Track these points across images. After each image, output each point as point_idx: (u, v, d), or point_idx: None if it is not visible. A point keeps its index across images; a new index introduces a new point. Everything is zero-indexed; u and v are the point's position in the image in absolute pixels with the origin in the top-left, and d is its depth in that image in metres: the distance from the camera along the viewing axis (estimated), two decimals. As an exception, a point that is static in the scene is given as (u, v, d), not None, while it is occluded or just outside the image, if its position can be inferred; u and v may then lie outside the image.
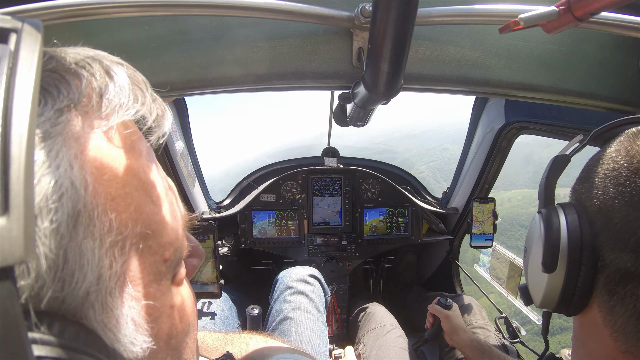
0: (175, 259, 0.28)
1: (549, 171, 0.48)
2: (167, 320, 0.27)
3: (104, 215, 0.22)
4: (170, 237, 0.27)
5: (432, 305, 1.33)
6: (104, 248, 0.22)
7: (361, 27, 0.59)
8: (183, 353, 0.30)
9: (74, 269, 0.20)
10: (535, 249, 0.45)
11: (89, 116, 0.23)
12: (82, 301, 0.21)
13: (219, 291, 1.31)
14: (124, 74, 0.26)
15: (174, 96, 0.80)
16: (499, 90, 0.73)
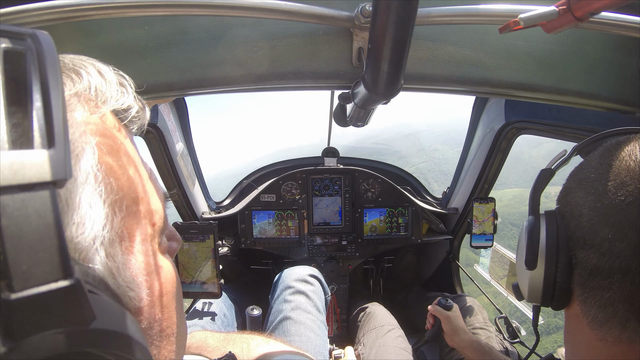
0: (160, 226, 0.33)
1: (535, 184, 0.52)
2: (157, 278, 0.32)
3: (107, 178, 0.27)
4: (156, 205, 0.33)
5: (432, 306, 1.33)
6: (107, 203, 0.27)
7: (361, 27, 0.59)
8: (172, 314, 0.34)
9: (86, 214, 0.25)
10: (522, 250, 0.51)
11: (89, 103, 0.29)
12: (90, 245, 0.25)
13: (219, 291, 1.31)
14: (112, 74, 0.33)
15: (174, 96, 0.80)
16: (499, 90, 0.73)
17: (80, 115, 0.28)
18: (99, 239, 0.26)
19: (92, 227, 0.25)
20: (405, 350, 1.43)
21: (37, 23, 0.46)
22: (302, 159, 2.39)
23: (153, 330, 0.31)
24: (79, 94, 0.28)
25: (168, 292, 0.33)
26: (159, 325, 0.32)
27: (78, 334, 0.20)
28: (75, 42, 0.60)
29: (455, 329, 1.21)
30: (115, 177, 0.28)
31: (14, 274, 0.18)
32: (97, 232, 0.26)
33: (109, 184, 0.27)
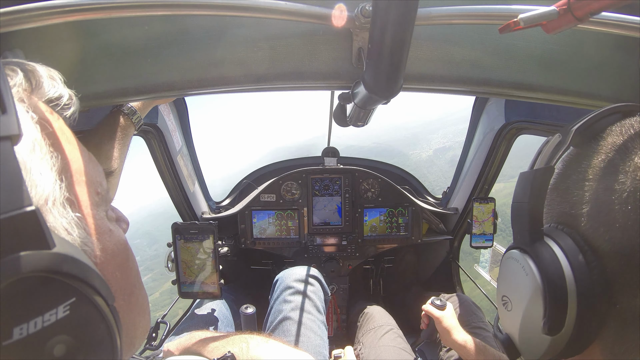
0: (105, 196, 0.37)
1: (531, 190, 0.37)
2: (109, 239, 0.35)
3: (51, 151, 0.31)
4: (98, 178, 0.37)
5: (425, 306, 1.33)
6: (54, 169, 0.30)
7: (361, 27, 0.59)
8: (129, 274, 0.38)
9: (37, 177, 0.28)
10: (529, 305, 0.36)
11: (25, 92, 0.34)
12: (43, 204, 0.29)
13: (219, 291, 1.31)
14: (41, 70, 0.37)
15: (174, 96, 0.80)
16: (499, 90, 0.73)
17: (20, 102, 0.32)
18: (50, 200, 0.29)
19: (44, 189, 0.29)
20: (405, 350, 1.43)
21: (37, 23, 0.46)
22: (302, 159, 2.39)
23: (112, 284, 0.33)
24: (17, 85, 0.33)
25: (121, 253, 0.37)
26: (118, 281, 0.35)
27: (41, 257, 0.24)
28: (75, 42, 0.60)
29: (449, 329, 1.21)
30: (57, 150, 0.32)
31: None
32: (49, 194, 0.29)
33: (53, 155, 0.31)
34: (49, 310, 0.24)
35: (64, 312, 0.25)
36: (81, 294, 0.26)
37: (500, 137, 1.67)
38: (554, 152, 0.38)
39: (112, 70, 0.65)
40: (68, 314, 0.25)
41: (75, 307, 0.26)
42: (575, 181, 0.36)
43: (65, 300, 0.25)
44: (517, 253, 0.39)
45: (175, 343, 0.86)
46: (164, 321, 1.18)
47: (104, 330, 0.29)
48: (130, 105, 0.96)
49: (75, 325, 0.26)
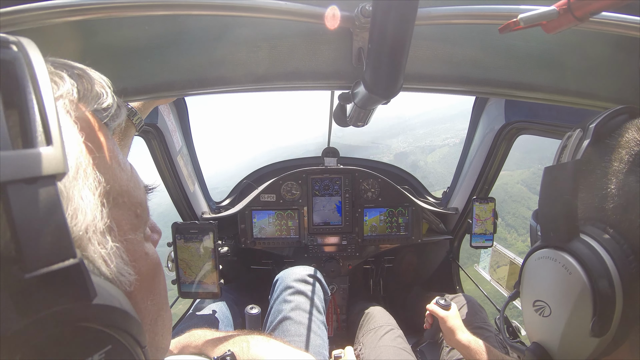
0: (144, 217, 0.36)
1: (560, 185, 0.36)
2: (144, 263, 0.34)
3: (94, 173, 0.29)
4: (139, 198, 0.35)
5: (430, 306, 1.33)
6: (95, 196, 0.29)
7: (361, 27, 0.59)
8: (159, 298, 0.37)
9: (79, 206, 0.27)
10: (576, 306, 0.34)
11: (72, 104, 0.31)
12: (83, 235, 0.27)
13: (219, 291, 1.31)
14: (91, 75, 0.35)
15: (174, 96, 0.80)
16: (499, 90, 0.73)
17: (67, 116, 0.30)
18: (91, 228, 0.28)
19: (85, 218, 0.27)
20: (405, 350, 1.43)
21: (37, 23, 0.46)
22: (302, 159, 2.39)
23: (142, 313, 0.33)
24: (63, 95, 0.30)
25: (154, 276, 0.36)
26: (148, 309, 0.35)
27: (83, 309, 0.23)
28: (75, 42, 0.60)
29: (453, 329, 1.21)
30: (101, 172, 0.30)
31: (26, 257, 0.20)
32: (89, 223, 0.28)
33: (97, 178, 0.29)
34: (84, 358, 0.24)
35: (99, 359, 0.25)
36: (117, 341, 0.26)
37: (500, 137, 1.67)
38: (578, 147, 0.38)
39: (112, 70, 0.65)
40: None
41: (110, 354, 0.26)
42: (601, 175, 0.35)
43: (101, 349, 0.25)
44: (551, 252, 0.36)
45: (174, 341, 0.86)
46: None
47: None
48: (131, 105, 0.96)
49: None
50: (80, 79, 0.33)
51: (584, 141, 0.38)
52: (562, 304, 0.36)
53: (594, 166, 0.37)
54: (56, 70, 0.31)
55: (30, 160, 0.21)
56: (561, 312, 0.36)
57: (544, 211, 0.38)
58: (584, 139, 0.38)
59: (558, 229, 0.36)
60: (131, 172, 0.36)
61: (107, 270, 0.29)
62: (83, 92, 0.32)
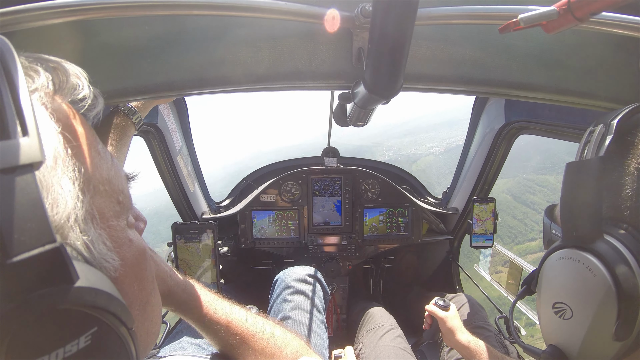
0: (126, 204, 0.36)
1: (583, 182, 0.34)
2: (128, 249, 0.35)
3: (73, 162, 0.30)
4: (120, 185, 0.36)
5: (429, 307, 1.33)
6: (76, 185, 0.29)
7: (361, 27, 0.59)
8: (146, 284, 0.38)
9: (59, 194, 0.27)
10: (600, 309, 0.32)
11: (48, 96, 0.32)
12: (65, 223, 0.28)
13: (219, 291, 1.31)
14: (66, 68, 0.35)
15: (174, 96, 0.80)
16: (499, 90, 0.73)
17: (43, 108, 0.30)
18: (72, 216, 0.28)
19: (65, 206, 0.28)
20: (405, 350, 1.43)
21: (37, 23, 0.46)
22: (302, 159, 2.39)
23: (129, 299, 0.34)
24: (39, 88, 0.31)
25: (139, 262, 0.37)
26: (135, 294, 0.35)
27: (66, 291, 0.24)
28: (75, 42, 0.60)
29: (453, 329, 1.21)
30: (80, 161, 0.31)
31: (8, 243, 0.21)
32: (70, 210, 0.28)
33: (76, 167, 0.30)
34: (71, 341, 0.24)
35: (85, 342, 0.25)
36: (102, 323, 0.27)
37: (500, 137, 1.67)
38: (602, 143, 0.36)
39: (112, 70, 0.65)
40: (89, 344, 0.26)
41: (96, 336, 0.26)
42: (622, 174, 0.34)
43: (87, 331, 0.25)
44: (574, 252, 0.35)
45: None
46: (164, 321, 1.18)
47: (124, 355, 0.29)
48: (130, 105, 0.96)
49: (96, 353, 0.26)
50: (55, 71, 0.33)
51: (607, 137, 0.36)
52: (585, 307, 0.35)
53: (615, 164, 0.36)
54: (31, 65, 0.32)
55: (8, 150, 0.22)
56: (584, 315, 0.35)
57: (566, 209, 0.36)
58: (607, 135, 0.36)
59: (581, 229, 0.35)
60: (111, 161, 0.36)
61: (90, 257, 0.29)
62: (59, 84, 0.33)
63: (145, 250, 0.39)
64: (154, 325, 0.40)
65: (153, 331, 0.40)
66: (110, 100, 0.68)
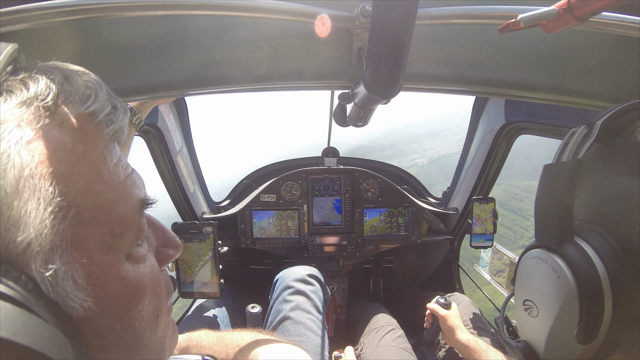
0: (127, 236, 0.32)
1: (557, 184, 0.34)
2: (114, 289, 0.30)
3: (50, 185, 0.26)
4: (120, 214, 0.31)
5: (430, 305, 1.33)
6: (47, 210, 0.26)
7: (361, 27, 0.59)
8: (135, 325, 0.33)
9: (17, 221, 0.25)
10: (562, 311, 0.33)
11: (47, 109, 0.29)
12: (23, 251, 0.25)
13: (219, 291, 1.31)
14: (78, 77, 0.32)
15: (174, 96, 0.80)
16: (499, 90, 0.73)
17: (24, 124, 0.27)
18: (35, 246, 0.25)
19: (26, 233, 0.25)
20: (406, 350, 1.43)
21: (37, 23, 0.46)
22: (302, 159, 2.39)
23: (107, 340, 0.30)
24: (29, 101, 0.28)
25: (130, 302, 0.32)
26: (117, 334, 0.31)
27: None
28: (75, 42, 0.60)
29: (453, 328, 1.21)
30: (64, 184, 0.27)
31: None
32: (32, 239, 0.25)
33: (53, 190, 0.27)
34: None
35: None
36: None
37: (500, 137, 1.67)
38: (581, 145, 0.36)
39: (112, 70, 0.65)
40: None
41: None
42: (604, 176, 0.34)
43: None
44: (543, 252, 0.36)
45: None
46: None
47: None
48: (130, 105, 0.96)
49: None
50: (65, 80, 0.30)
51: (587, 139, 0.36)
52: (549, 307, 0.35)
53: (597, 166, 0.36)
54: (37, 75, 0.29)
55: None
56: (548, 315, 0.35)
57: (539, 210, 0.37)
58: (588, 137, 0.36)
59: (551, 230, 0.35)
60: (122, 184, 0.32)
61: (49, 292, 0.26)
62: (65, 94, 0.30)
63: (144, 287, 0.33)
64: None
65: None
66: (110, 100, 0.68)
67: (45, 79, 0.30)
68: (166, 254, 0.39)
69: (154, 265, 0.37)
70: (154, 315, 0.35)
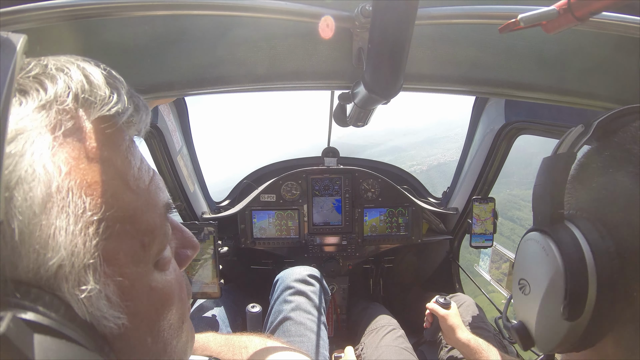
0: (155, 245, 0.30)
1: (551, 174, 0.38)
2: (146, 301, 0.29)
3: (79, 199, 0.25)
4: (149, 223, 0.29)
5: (430, 304, 1.33)
6: (78, 227, 0.24)
7: (361, 27, 0.59)
8: (165, 335, 0.31)
9: (47, 242, 0.23)
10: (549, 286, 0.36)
11: (67, 112, 0.26)
12: (55, 273, 0.23)
13: (219, 291, 1.31)
14: (100, 74, 0.29)
15: (174, 96, 0.80)
16: (499, 90, 0.73)
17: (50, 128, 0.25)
18: (67, 267, 0.24)
19: (57, 255, 0.23)
20: (406, 350, 1.43)
21: (37, 23, 0.46)
22: (302, 159, 2.39)
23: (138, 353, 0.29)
24: (48, 105, 0.25)
25: (160, 312, 0.31)
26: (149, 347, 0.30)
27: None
28: (75, 42, 0.60)
29: (453, 327, 1.21)
30: (92, 196, 0.25)
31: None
32: (63, 261, 0.24)
33: (82, 205, 0.25)
34: None
35: None
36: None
37: (500, 137, 1.67)
38: (577, 141, 0.39)
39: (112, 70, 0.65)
40: None
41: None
42: (596, 169, 0.37)
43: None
44: (537, 234, 0.39)
45: None
46: None
47: None
48: None
49: None
50: (85, 79, 0.28)
51: (583, 137, 0.39)
52: (539, 284, 0.38)
53: (591, 160, 0.39)
54: (50, 72, 0.27)
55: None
56: (538, 292, 0.38)
57: (535, 197, 0.40)
58: (584, 135, 0.39)
59: (544, 215, 0.38)
60: (147, 189, 0.30)
61: (83, 314, 0.25)
62: (85, 95, 0.27)
63: (171, 294, 0.32)
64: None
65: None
66: (110, 100, 0.68)
67: (64, 77, 0.27)
68: (185, 255, 0.38)
69: (177, 270, 0.35)
70: (180, 322, 0.34)
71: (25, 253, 0.23)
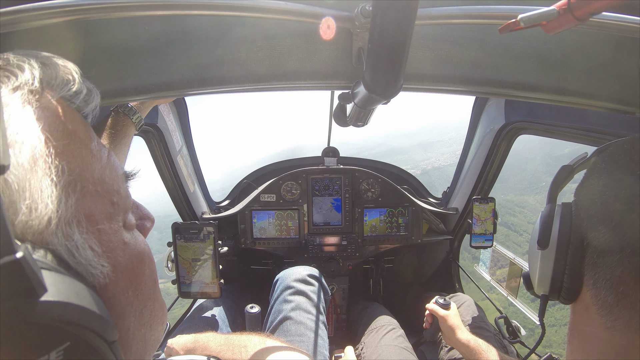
0: (122, 204, 0.35)
1: (555, 178, 0.54)
2: (122, 254, 0.33)
3: (57, 161, 0.29)
4: (115, 185, 0.34)
5: (429, 305, 1.33)
6: (59, 186, 0.28)
7: (361, 27, 0.59)
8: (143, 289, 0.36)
9: (37, 197, 0.27)
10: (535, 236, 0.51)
11: (32, 94, 0.30)
12: (46, 227, 0.27)
13: (219, 291, 1.31)
14: (57, 63, 0.34)
15: (174, 96, 0.80)
16: (499, 90, 0.73)
17: (22, 106, 0.29)
18: (54, 220, 0.27)
19: (45, 210, 0.27)
20: (406, 350, 1.43)
21: (37, 23, 0.46)
22: (302, 159, 2.39)
23: (122, 305, 0.32)
24: (21, 86, 0.30)
25: (135, 266, 0.35)
26: (129, 300, 0.33)
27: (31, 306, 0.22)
28: (74, 42, 0.60)
29: (453, 328, 1.21)
30: (67, 161, 0.29)
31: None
32: (51, 215, 0.27)
33: (60, 167, 0.28)
34: (40, 356, 0.23)
35: (57, 357, 0.24)
36: (76, 337, 0.25)
37: (500, 137, 1.67)
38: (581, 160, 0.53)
39: (112, 70, 0.65)
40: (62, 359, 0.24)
41: (69, 351, 0.25)
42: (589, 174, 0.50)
43: (58, 346, 0.24)
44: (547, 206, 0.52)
45: (181, 343, 0.87)
46: None
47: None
48: (130, 105, 0.96)
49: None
50: (44, 67, 0.32)
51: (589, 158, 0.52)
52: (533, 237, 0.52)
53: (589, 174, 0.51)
54: (17, 62, 0.31)
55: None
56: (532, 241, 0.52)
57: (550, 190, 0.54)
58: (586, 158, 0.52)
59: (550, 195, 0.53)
60: (107, 159, 0.35)
61: (74, 263, 0.28)
62: (47, 80, 0.32)
63: (143, 253, 0.37)
64: (153, 333, 0.38)
65: (152, 339, 0.38)
66: (110, 100, 0.68)
67: (28, 67, 0.31)
68: (144, 226, 0.42)
69: (142, 237, 0.40)
70: (153, 280, 0.38)
71: (19, 208, 0.26)
